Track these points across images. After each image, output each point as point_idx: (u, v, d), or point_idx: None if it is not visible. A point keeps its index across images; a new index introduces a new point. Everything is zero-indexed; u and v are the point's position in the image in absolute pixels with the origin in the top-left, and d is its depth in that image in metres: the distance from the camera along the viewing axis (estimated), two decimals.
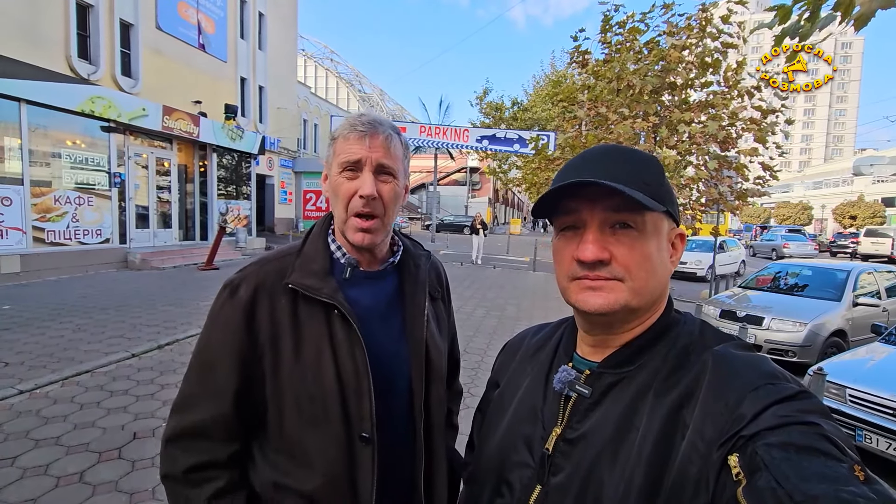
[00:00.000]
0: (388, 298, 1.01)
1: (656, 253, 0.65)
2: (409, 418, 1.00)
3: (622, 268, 0.63)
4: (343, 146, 0.94)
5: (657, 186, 0.65)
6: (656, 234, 0.65)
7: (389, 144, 0.95)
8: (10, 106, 8.47)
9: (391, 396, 0.97)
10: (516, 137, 20.19)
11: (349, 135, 0.93)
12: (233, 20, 15.23)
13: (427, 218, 32.03)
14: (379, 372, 0.93)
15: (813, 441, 0.47)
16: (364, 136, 0.93)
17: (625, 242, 0.63)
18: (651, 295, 0.66)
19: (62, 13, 9.57)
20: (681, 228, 0.71)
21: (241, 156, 15.07)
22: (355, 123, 0.94)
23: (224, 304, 0.93)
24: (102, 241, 10.33)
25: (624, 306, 0.63)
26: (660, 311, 0.69)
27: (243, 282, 0.94)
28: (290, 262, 0.96)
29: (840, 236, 31.31)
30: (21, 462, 2.92)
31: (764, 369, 0.57)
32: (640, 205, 0.60)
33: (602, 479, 0.60)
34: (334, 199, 0.96)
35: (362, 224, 0.93)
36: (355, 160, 0.92)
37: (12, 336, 5.29)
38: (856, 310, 6.07)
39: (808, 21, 1.94)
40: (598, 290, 0.64)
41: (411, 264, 1.06)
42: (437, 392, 1.04)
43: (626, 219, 0.63)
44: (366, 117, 0.95)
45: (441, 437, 1.06)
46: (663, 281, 0.67)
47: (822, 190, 52.76)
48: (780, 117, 8.97)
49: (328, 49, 50.96)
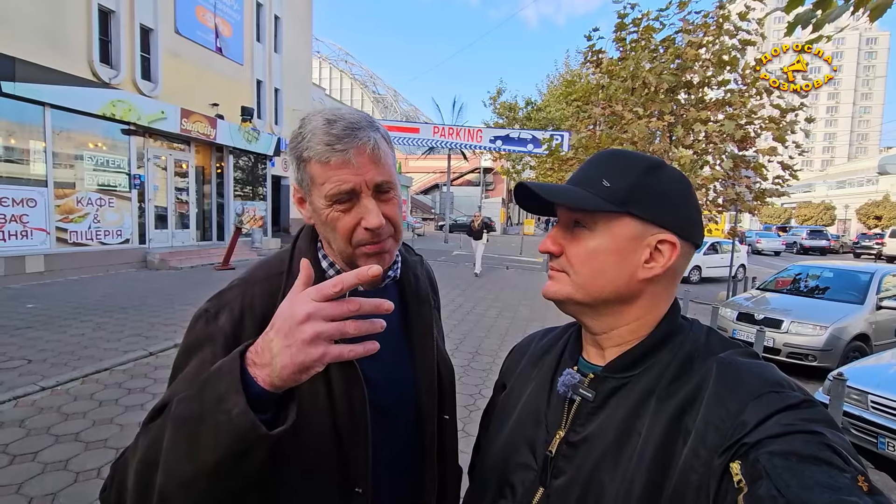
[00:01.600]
0: (394, 320, 0.88)
1: (605, 253, 0.65)
2: (419, 449, 0.90)
3: (567, 262, 0.68)
4: (323, 172, 0.75)
5: (624, 189, 0.65)
6: (608, 233, 0.65)
7: (378, 154, 0.77)
8: (35, 110, 8.71)
9: (397, 429, 0.87)
10: (530, 137, 20.11)
11: (328, 158, 0.74)
12: (249, 24, 15.44)
13: (440, 218, 32.06)
14: (383, 405, 0.82)
15: (816, 450, 0.47)
16: (346, 155, 0.73)
17: (575, 240, 0.68)
18: (600, 292, 0.66)
19: (84, 19, 9.82)
20: (667, 235, 0.65)
21: (257, 157, 15.28)
22: (330, 141, 0.73)
23: (201, 339, 0.75)
24: (122, 241, 10.57)
25: (568, 297, 0.68)
26: (655, 316, 0.67)
27: (223, 310, 0.77)
28: (280, 285, 0.81)
29: (864, 237, 30.50)
30: (42, 457, 3.00)
31: (768, 377, 0.57)
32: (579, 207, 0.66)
33: (603, 482, 0.60)
34: (330, 234, 0.79)
35: (375, 248, 0.78)
36: (348, 190, 0.74)
37: (35, 334, 5.44)
38: (879, 313, 5.90)
39: (821, 9, 1.89)
40: (551, 279, 0.71)
41: (410, 275, 0.94)
42: (450, 415, 0.96)
43: (578, 218, 0.68)
44: (337, 125, 0.75)
45: (454, 462, 0.99)
46: (617, 282, 0.65)
47: (845, 189, 51.39)
48: (799, 115, 8.76)
49: (343, 51, 51.48)
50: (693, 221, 0.68)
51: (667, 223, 0.65)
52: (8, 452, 3.00)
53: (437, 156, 31.08)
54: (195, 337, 0.76)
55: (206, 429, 0.56)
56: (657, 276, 0.65)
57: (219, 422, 0.55)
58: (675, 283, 0.70)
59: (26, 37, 8.58)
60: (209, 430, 0.55)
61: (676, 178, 0.68)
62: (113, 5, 10.42)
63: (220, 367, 0.59)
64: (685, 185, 0.69)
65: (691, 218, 0.67)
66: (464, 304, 8.53)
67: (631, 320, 0.67)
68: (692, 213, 0.68)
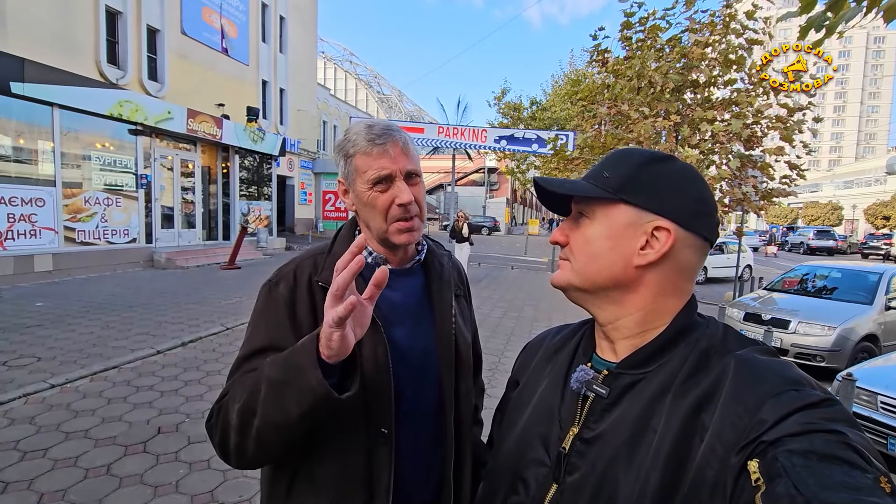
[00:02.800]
0: (418, 295, 1.05)
1: (600, 239, 0.68)
2: (439, 412, 1.03)
3: (569, 250, 0.72)
4: (366, 162, 0.96)
5: (623, 178, 0.68)
6: (606, 221, 0.68)
7: (408, 148, 0.99)
8: (43, 110, 8.80)
9: (421, 392, 1.00)
10: (535, 137, 20.04)
11: (370, 150, 0.95)
12: (255, 24, 15.51)
13: (445, 218, 32.07)
14: (409, 368, 0.96)
15: (837, 450, 0.46)
16: (384, 148, 0.95)
17: (578, 229, 0.71)
18: (596, 277, 0.68)
19: (92, 20, 9.90)
20: (662, 221, 0.65)
21: (262, 157, 15.34)
22: (372, 137, 0.96)
23: (267, 302, 0.97)
24: (129, 240, 10.64)
25: (568, 283, 0.71)
26: (662, 309, 0.67)
27: (281, 280, 0.99)
28: (322, 261, 1.01)
29: (872, 237, 30.25)
30: (52, 454, 3.03)
31: (787, 375, 0.56)
32: (584, 196, 0.69)
33: (617, 479, 0.60)
34: (370, 212, 0.98)
35: (405, 225, 0.97)
36: (386, 175, 0.95)
37: (45, 332, 5.49)
38: (888, 313, 5.86)
39: (834, 12, 1.88)
40: (559, 267, 0.75)
41: (436, 263, 1.10)
42: (465, 385, 1.08)
43: (581, 209, 0.71)
44: (376, 128, 0.97)
45: (469, 429, 1.09)
46: (612, 267, 0.67)
47: (853, 189, 50.94)
48: (807, 115, 8.70)
49: (347, 51, 51.53)
50: (694, 211, 0.66)
51: (661, 210, 0.66)
52: (19, 449, 3.03)
53: (441, 156, 31.08)
54: (263, 301, 0.99)
55: (291, 391, 0.76)
56: (654, 264, 0.65)
57: (301, 388, 0.75)
58: (684, 277, 0.68)
59: (35, 38, 8.66)
60: (293, 393, 0.76)
61: (679, 169, 0.68)
62: (120, 6, 10.51)
63: (302, 345, 0.78)
64: (689, 175, 0.68)
65: (692, 207, 0.66)
66: None
67: (634, 310, 0.67)
68: (693, 203, 0.67)
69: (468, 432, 1.08)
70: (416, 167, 0.99)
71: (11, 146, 8.35)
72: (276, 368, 0.79)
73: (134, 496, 2.67)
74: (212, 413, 0.90)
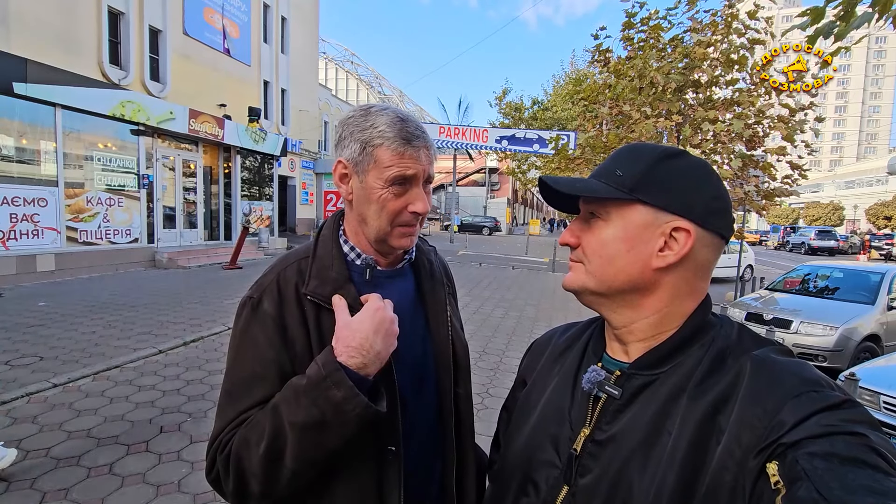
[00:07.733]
0: (410, 297, 0.98)
1: (617, 241, 0.65)
2: (438, 418, 0.98)
3: (582, 252, 0.70)
4: (391, 158, 0.85)
5: (637, 176, 0.65)
6: (621, 221, 0.65)
7: (433, 153, 0.92)
8: (46, 111, 8.80)
9: (420, 398, 0.95)
10: (536, 137, 20.05)
11: (402, 150, 0.85)
12: (256, 25, 15.52)
13: (446, 218, 32.07)
14: (407, 376, 0.91)
15: (860, 453, 0.45)
16: (417, 150, 0.86)
17: (590, 230, 0.69)
18: (613, 280, 0.66)
19: (94, 21, 9.91)
20: (681, 221, 0.63)
21: (263, 157, 15.35)
22: (406, 136, 0.85)
23: (251, 322, 0.86)
24: (131, 240, 10.65)
25: (583, 287, 0.69)
26: (678, 310, 0.65)
27: (264, 295, 0.88)
28: (306, 268, 0.90)
29: (874, 238, 30.18)
30: (55, 453, 3.03)
31: (806, 376, 0.55)
32: (595, 197, 0.67)
33: (632, 482, 0.59)
34: (374, 210, 0.87)
35: (408, 231, 0.90)
36: (411, 175, 0.86)
37: (47, 331, 5.49)
38: (891, 313, 5.85)
39: (843, 21, 1.87)
40: (571, 270, 0.72)
41: (424, 261, 1.03)
42: (465, 389, 1.03)
43: (593, 209, 0.68)
44: (411, 124, 0.87)
45: (470, 434, 1.05)
46: (629, 269, 0.64)
47: (854, 189, 50.88)
48: (808, 115, 8.68)
49: (349, 52, 51.54)
50: (711, 209, 0.64)
51: (679, 209, 0.63)
52: (22, 448, 3.03)
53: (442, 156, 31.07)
54: (245, 321, 0.88)
55: (330, 430, 0.75)
56: (673, 266, 0.63)
57: (343, 421, 0.74)
58: (700, 276, 0.66)
59: (38, 38, 8.67)
60: (333, 431, 0.75)
61: (693, 164, 0.66)
62: (122, 7, 10.52)
63: (324, 379, 0.75)
64: (704, 171, 0.66)
65: (709, 205, 0.64)
66: (470, 304, 8.52)
67: (650, 313, 0.65)
68: (710, 200, 0.64)
69: (470, 438, 1.04)
70: (433, 172, 0.93)
71: (14, 146, 8.35)
72: (302, 411, 0.74)
73: (136, 495, 2.67)
74: (213, 464, 0.82)
